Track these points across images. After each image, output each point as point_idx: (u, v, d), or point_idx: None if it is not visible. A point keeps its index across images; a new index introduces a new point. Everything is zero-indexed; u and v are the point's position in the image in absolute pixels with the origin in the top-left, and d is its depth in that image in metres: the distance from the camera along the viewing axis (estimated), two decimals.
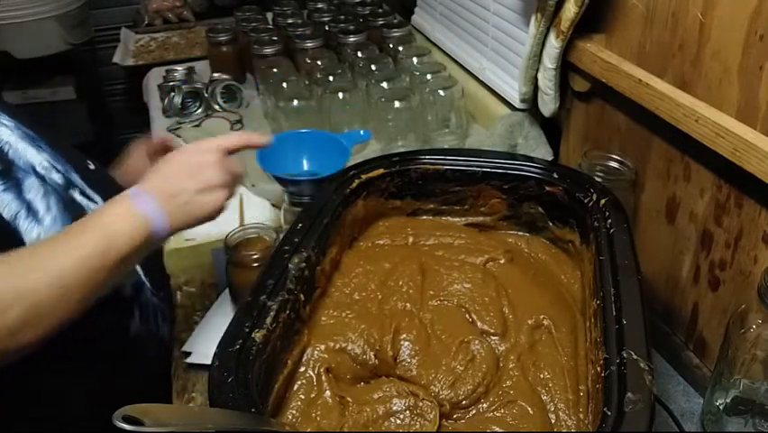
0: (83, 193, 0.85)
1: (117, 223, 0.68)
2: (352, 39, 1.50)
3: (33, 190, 0.77)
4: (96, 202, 0.86)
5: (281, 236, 0.75)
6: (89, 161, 0.92)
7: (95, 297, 0.67)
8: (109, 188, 0.90)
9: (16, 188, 0.75)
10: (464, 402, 0.66)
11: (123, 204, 0.70)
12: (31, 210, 0.76)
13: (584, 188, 0.79)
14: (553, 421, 0.64)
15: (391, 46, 1.49)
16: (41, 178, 0.79)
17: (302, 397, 0.65)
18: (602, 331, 0.60)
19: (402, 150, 0.98)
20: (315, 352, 0.68)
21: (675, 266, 0.86)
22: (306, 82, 1.36)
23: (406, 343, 0.70)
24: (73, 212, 0.80)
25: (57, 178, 0.82)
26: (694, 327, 0.84)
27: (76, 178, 0.85)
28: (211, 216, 0.75)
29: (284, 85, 1.32)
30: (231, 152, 0.78)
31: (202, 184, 0.73)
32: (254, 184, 1.18)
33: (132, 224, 0.68)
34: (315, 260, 0.71)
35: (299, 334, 0.68)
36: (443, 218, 0.90)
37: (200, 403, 0.81)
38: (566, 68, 0.98)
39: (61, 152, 0.86)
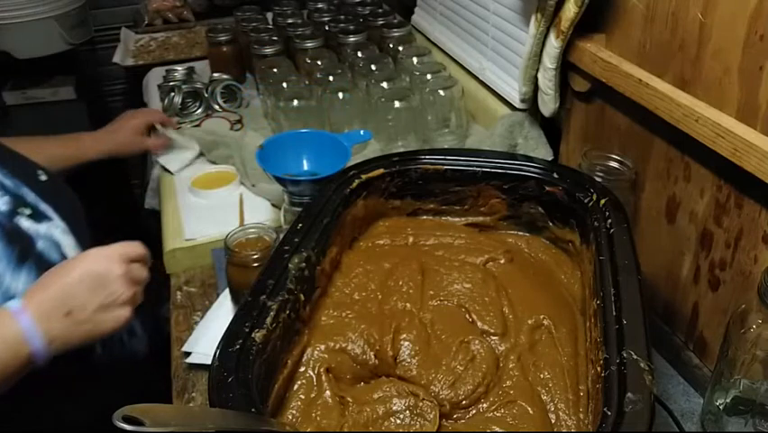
0: (34, 213, 0.81)
1: None
2: (351, 39, 1.50)
3: None
4: (50, 219, 0.83)
5: (281, 236, 0.75)
6: (40, 172, 0.89)
7: None
8: (62, 200, 0.87)
9: None
10: (464, 402, 0.66)
11: (2, 324, 0.65)
12: None
13: (584, 188, 0.79)
14: (553, 421, 0.64)
15: (391, 46, 1.49)
16: None
17: (302, 397, 0.65)
18: (602, 331, 0.60)
19: (402, 150, 0.98)
20: (315, 352, 0.68)
21: (675, 266, 0.86)
22: (306, 82, 1.35)
23: (406, 343, 0.70)
24: (18, 244, 0.77)
25: (1, 204, 0.78)
26: (694, 327, 0.84)
27: (27, 192, 0.82)
28: (109, 334, 0.69)
29: (284, 85, 1.32)
30: (134, 259, 0.71)
31: (105, 300, 0.67)
32: (254, 184, 1.18)
33: (7, 349, 0.64)
34: (315, 260, 0.71)
35: (299, 334, 0.68)
36: (443, 218, 0.90)
37: (200, 403, 0.81)
38: (566, 68, 0.98)
39: (13, 166, 0.83)
